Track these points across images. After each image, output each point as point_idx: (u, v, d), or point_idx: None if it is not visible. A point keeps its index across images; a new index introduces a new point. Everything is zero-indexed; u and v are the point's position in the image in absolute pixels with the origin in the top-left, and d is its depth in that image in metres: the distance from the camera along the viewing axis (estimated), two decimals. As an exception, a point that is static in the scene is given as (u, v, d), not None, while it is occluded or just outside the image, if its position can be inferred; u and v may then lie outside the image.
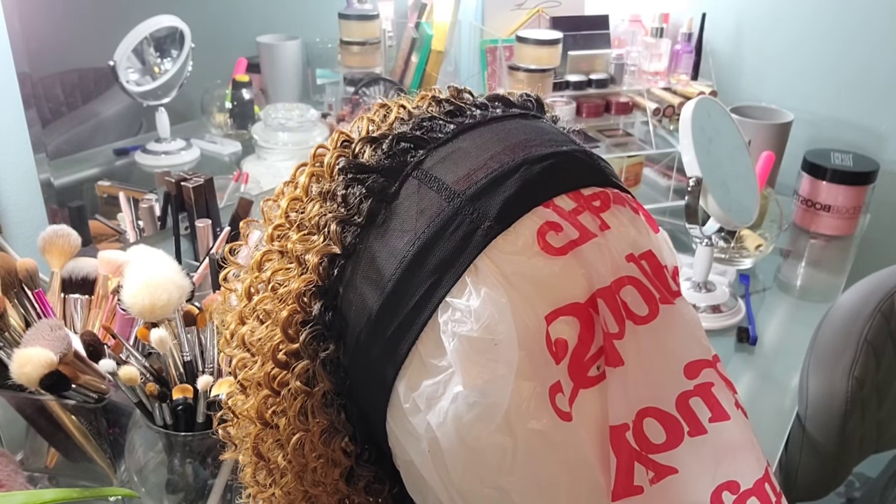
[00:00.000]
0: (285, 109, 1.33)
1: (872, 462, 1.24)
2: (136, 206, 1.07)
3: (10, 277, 0.72)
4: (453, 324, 0.33)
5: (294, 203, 0.39)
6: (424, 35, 1.49)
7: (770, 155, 1.31)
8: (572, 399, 0.32)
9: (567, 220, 0.33)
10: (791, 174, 1.46)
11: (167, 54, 1.17)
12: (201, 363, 0.71)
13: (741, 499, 0.33)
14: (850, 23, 1.44)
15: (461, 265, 0.33)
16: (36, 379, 0.62)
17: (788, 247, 1.42)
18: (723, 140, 1.07)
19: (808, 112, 1.51)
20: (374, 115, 0.39)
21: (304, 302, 0.36)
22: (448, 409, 0.33)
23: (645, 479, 0.32)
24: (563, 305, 0.32)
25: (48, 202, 1.03)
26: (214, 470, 0.70)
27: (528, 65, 1.36)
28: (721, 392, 0.35)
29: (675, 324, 0.34)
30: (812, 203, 1.41)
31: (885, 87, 1.45)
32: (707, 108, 1.05)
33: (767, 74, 1.55)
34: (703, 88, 1.46)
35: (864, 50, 1.44)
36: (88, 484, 0.74)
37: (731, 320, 1.15)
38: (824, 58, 1.49)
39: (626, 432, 0.32)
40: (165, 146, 1.20)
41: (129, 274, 0.69)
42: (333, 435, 0.38)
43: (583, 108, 1.45)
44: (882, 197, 1.44)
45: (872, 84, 1.46)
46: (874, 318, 1.04)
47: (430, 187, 0.35)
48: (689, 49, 1.51)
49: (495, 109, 0.39)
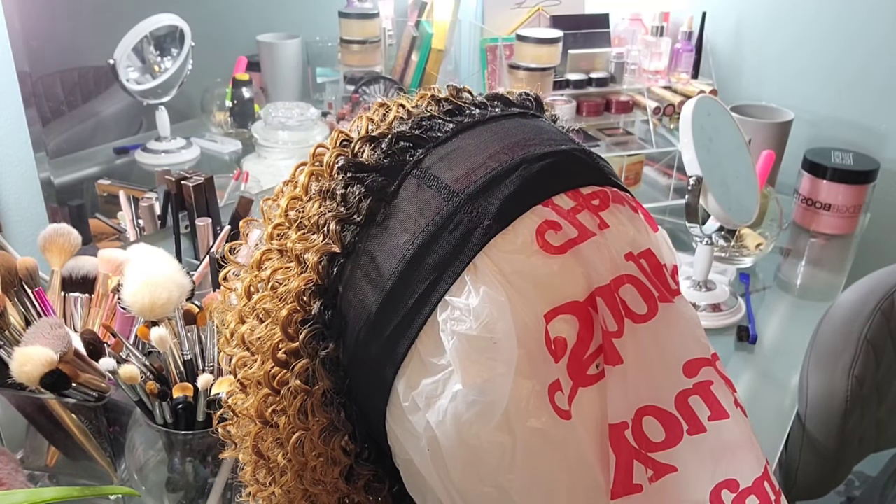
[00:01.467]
0: (285, 108, 1.33)
1: (872, 461, 1.24)
2: (136, 204, 1.07)
3: (11, 276, 0.72)
4: (452, 322, 0.33)
5: (293, 202, 0.39)
6: (424, 34, 1.49)
7: (770, 154, 1.31)
8: (571, 397, 0.32)
9: (566, 218, 0.34)
10: (791, 173, 1.46)
11: (167, 53, 1.17)
12: (201, 362, 0.71)
13: (740, 497, 0.33)
14: (851, 21, 1.44)
15: (460, 264, 0.33)
16: (36, 377, 0.62)
17: (788, 246, 1.42)
18: (723, 139, 1.07)
19: (809, 111, 1.51)
20: (373, 115, 0.39)
21: (303, 301, 0.36)
22: (447, 408, 0.33)
23: (644, 478, 0.32)
24: (562, 304, 0.32)
25: (48, 201, 1.03)
26: (214, 468, 0.71)
27: (528, 63, 1.36)
28: (720, 390, 0.35)
29: (674, 322, 0.35)
30: (812, 202, 1.41)
31: (885, 86, 1.45)
32: (707, 106, 1.05)
33: (768, 73, 1.55)
34: (704, 87, 1.46)
35: (865, 49, 1.44)
36: (89, 482, 0.74)
37: (731, 319, 1.15)
38: (825, 57, 1.49)
39: (626, 431, 0.32)
40: (166, 145, 1.20)
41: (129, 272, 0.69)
42: (333, 433, 0.38)
43: (583, 107, 1.44)
44: (882, 196, 1.44)
45: (873, 83, 1.46)
46: (874, 318, 1.04)
47: (429, 186, 0.35)
48: (689, 48, 1.51)
49: (494, 108, 0.39)
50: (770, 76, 1.55)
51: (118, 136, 1.17)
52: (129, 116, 1.17)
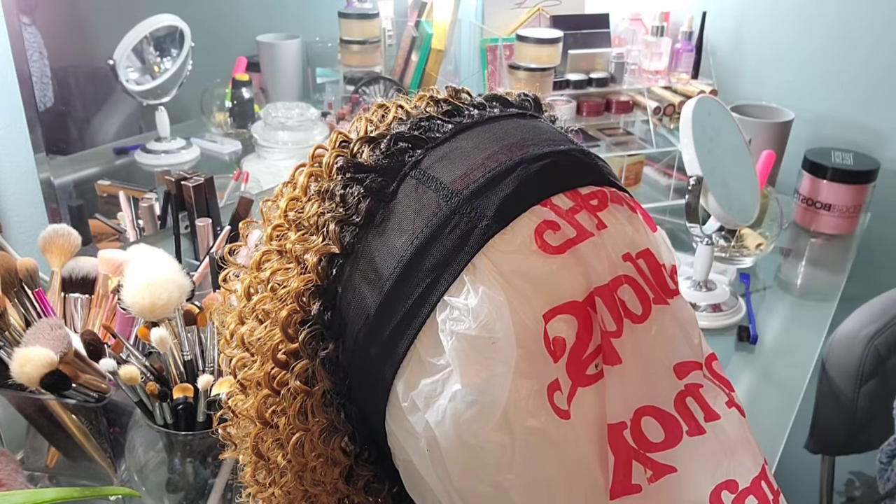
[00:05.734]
0: (285, 108, 1.33)
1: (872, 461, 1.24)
2: (136, 205, 1.07)
3: (10, 277, 0.72)
4: (451, 322, 0.33)
5: (293, 203, 0.39)
6: (424, 34, 1.49)
7: (770, 154, 1.31)
8: (570, 397, 0.32)
9: (565, 218, 0.34)
10: (791, 173, 1.45)
11: (167, 53, 1.17)
12: (201, 362, 0.71)
13: (740, 497, 0.33)
14: (851, 21, 1.44)
15: (459, 264, 0.33)
16: (36, 378, 0.62)
17: (789, 245, 1.42)
18: (723, 139, 1.07)
19: (809, 111, 1.50)
20: (372, 116, 0.39)
21: (303, 301, 0.36)
22: (446, 408, 0.33)
23: (643, 478, 0.32)
24: (561, 304, 0.32)
25: (48, 201, 1.03)
26: (215, 469, 0.71)
27: (528, 64, 1.36)
28: (709, 394, 0.35)
29: (667, 324, 0.35)
30: (812, 202, 1.41)
31: (885, 86, 1.45)
32: (707, 106, 1.05)
33: (768, 73, 1.55)
34: (704, 87, 1.45)
35: (866, 48, 1.44)
36: (89, 483, 0.74)
37: (731, 319, 1.15)
38: (825, 56, 1.49)
39: (624, 431, 0.32)
40: (165, 145, 1.20)
41: (129, 273, 0.69)
42: (333, 434, 0.38)
43: (583, 107, 1.44)
44: (882, 196, 1.44)
45: (873, 82, 1.46)
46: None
47: (427, 187, 0.35)
48: (689, 48, 1.51)
49: (493, 109, 0.39)
50: (770, 76, 1.55)
51: (118, 137, 1.17)
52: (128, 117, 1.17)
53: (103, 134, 1.14)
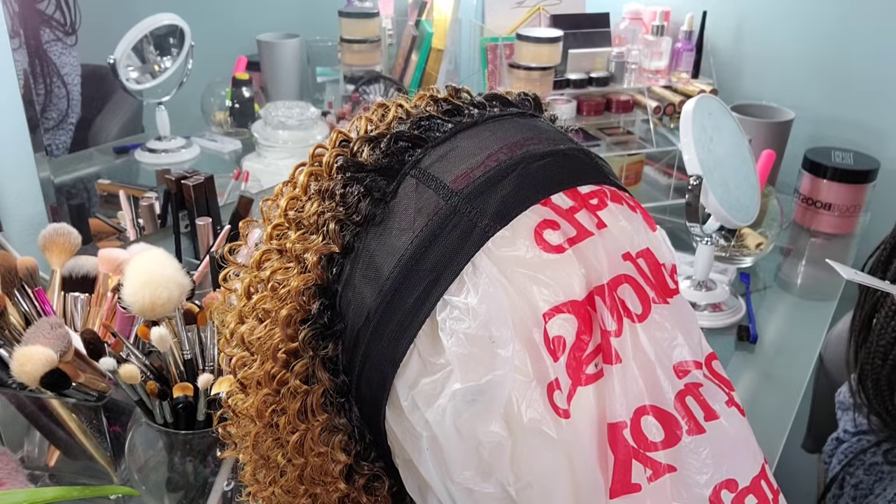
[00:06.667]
0: (285, 107, 1.33)
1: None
2: (136, 204, 1.07)
3: (11, 275, 0.72)
4: (451, 321, 0.33)
5: (293, 202, 0.39)
6: (425, 33, 1.49)
7: (770, 153, 1.31)
8: (570, 396, 0.32)
9: (564, 218, 0.34)
10: (791, 172, 1.45)
11: (167, 52, 1.17)
12: (201, 361, 0.71)
13: (739, 497, 0.33)
14: (851, 21, 1.44)
15: (459, 263, 0.33)
16: (36, 377, 0.62)
17: (789, 245, 1.42)
18: (723, 138, 1.07)
19: (809, 110, 1.50)
20: (372, 115, 0.40)
21: (303, 301, 0.36)
22: (446, 407, 0.33)
23: (643, 477, 0.32)
24: (561, 303, 0.32)
25: (48, 200, 1.03)
26: (215, 468, 0.71)
27: (528, 63, 1.36)
28: (709, 393, 0.35)
29: (667, 323, 0.35)
30: (812, 201, 1.41)
31: (885, 86, 1.45)
32: (708, 106, 1.05)
33: (768, 73, 1.55)
34: (704, 86, 1.45)
35: (866, 48, 1.44)
36: (89, 482, 0.75)
37: (731, 319, 1.15)
38: (825, 56, 1.49)
39: (624, 430, 0.32)
40: (165, 144, 1.20)
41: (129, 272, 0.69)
42: (333, 433, 0.38)
43: (583, 107, 1.44)
44: (882, 195, 1.43)
45: (873, 82, 1.46)
46: None
47: (427, 186, 0.35)
48: (689, 47, 1.51)
49: (493, 108, 0.39)
50: (770, 75, 1.55)
51: (118, 136, 1.17)
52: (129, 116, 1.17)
53: (103, 133, 1.14)
